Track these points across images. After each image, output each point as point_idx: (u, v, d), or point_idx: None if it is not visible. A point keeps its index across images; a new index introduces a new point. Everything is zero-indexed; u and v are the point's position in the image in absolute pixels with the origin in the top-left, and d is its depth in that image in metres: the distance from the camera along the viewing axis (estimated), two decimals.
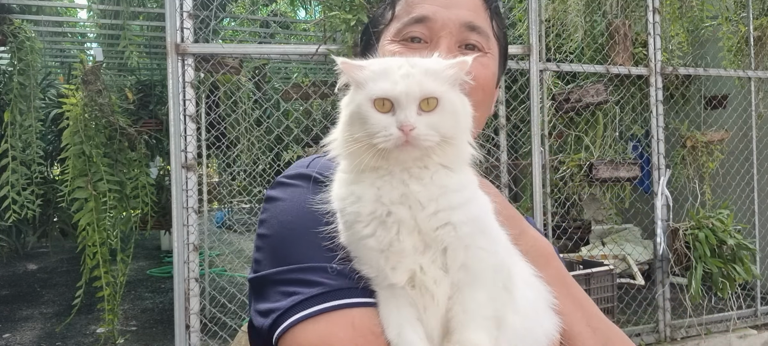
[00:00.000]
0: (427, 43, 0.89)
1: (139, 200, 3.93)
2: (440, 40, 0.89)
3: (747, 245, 3.58)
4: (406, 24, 0.90)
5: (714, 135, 4.22)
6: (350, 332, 0.70)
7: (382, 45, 0.91)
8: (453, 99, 0.71)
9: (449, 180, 0.71)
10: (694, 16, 4.33)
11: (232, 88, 4.50)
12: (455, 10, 0.89)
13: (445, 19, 0.89)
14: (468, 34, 0.90)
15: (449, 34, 0.89)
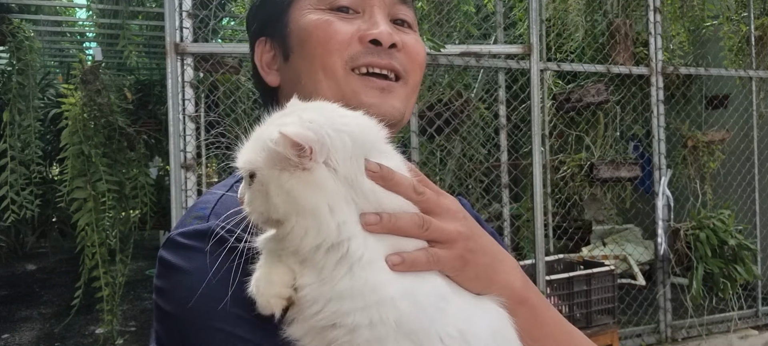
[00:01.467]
0: (357, 12, 0.78)
1: (139, 200, 3.92)
2: (374, 11, 0.78)
3: (748, 245, 3.57)
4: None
5: (715, 135, 4.21)
6: None
7: (299, 16, 0.78)
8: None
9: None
10: (695, 15, 4.32)
11: (232, 88, 4.49)
12: None
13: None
14: (399, 8, 0.81)
15: (382, 4, 0.78)
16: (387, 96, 0.77)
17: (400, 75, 0.79)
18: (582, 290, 3.36)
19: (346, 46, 0.76)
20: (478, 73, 4.39)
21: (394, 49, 0.77)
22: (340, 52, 0.75)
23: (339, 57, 0.76)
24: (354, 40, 0.76)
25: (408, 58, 0.79)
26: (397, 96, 0.78)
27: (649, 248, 5.40)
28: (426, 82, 4.22)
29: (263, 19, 0.84)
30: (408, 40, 0.79)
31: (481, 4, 4.62)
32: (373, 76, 0.77)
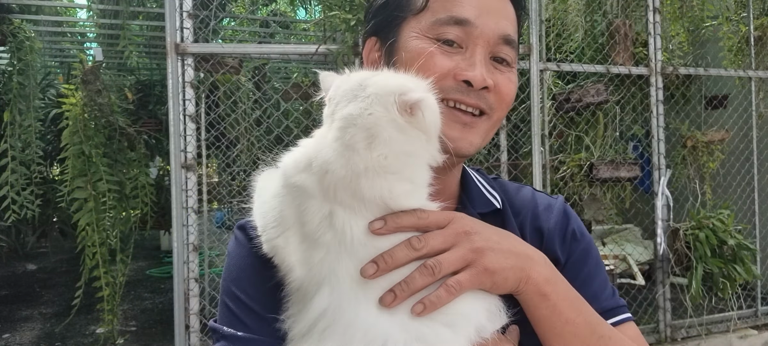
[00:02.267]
0: (460, 47, 0.81)
1: (139, 200, 3.92)
2: (475, 49, 0.81)
3: (747, 245, 3.58)
4: (444, 23, 0.80)
5: (714, 135, 4.22)
6: None
7: (407, 35, 0.82)
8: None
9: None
10: (695, 15, 4.33)
11: (232, 88, 4.49)
12: (497, 19, 0.82)
13: (485, 27, 0.81)
14: (502, 47, 0.83)
15: (486, 44, 0.81)
16: (467, 131, 0.81)
17: (485, 112, 0.82)
18: None
19: (441, 79, 0.79)
20: None
21: (485, 90, 0.81)
22: (434, 84, 0.77)
23: (434, 87, 0.77)
24: (449, 76, 0.80)
25: (497, 98, 0.83)
26: (478, 132, 0.83)
27: (649, 248, 5.40)
28: None
29: (379, 22, 0.88)
30: (500, 80, 0.83)
31: None
32: (459, 111, 0.81)
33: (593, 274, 0.85)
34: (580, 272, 0.84)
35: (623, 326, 0.83)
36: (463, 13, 0.80)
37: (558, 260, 0.84)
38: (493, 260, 0.69)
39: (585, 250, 0.86)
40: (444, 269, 0.67)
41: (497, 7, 0.83)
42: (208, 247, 5.87)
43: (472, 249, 0.69)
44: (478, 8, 0.81)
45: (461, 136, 0.81)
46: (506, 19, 0.84)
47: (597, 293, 0.83)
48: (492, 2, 0.83)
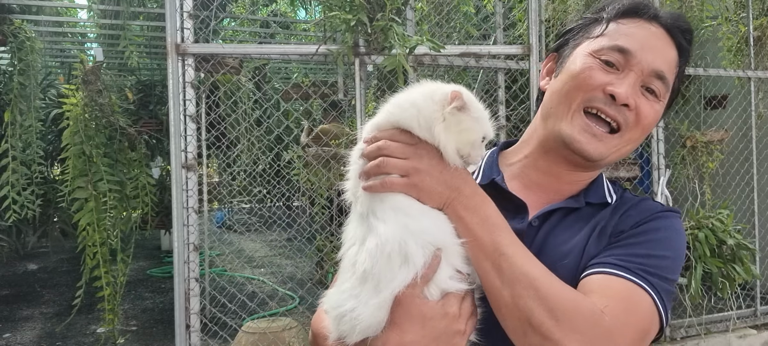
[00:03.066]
0: (617, 70, 0.97)
1: (140, 199, 3.93)
2: (629, 74, 0.96)
3: (747, 244, 3.58)
4: (609, 49, 0.97)
5: (714, 135, 4.22)
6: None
7: (579, 50, 1.01)
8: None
9: None
10: (694, 16, 4.33)
11: (233, 89, 4.50)
12: (653, 55, 0.96)
13: (641, 59, 0.96)
14: (653, 80, 0.97)
15: (639, 72, 0.96)
16: (594, 141, 0.97)
17: (621, 127, 0.97)
18: None
19: (592, 90, 0.96)
20: (478, 74, 4.41)
21: (626, 107, 0.95)
22: (585, 92, 0.96)
23: (582, 96, 0.97)
24: (600, 89, 0.96)
25: (635, 119, 0.96)
26: (606, 145, 0.97)
27: None
28: None
29: (562, 42, 1.08)
30: (643, 105, 0.96)
31: (481, 5, 4.64)
32: (597, 121, 0.97)
33: (626, 246, 0.94)
34: (622, 240, 0.96)
35: (607, 277, 0.89)
36: (627, 44, 0.96)
37: (623, 232, 0.97)
38: (424, 181, 0.88)
39: (637, 232, 0.96)
40: (388, 168, 0.88)
41: (658, 47, 0.98)
42: (209, 247, 5.88)
43: (414, 167, 0.88)
44: (640, 43, 0.96)
45: (588, 141, 0.96)
46: (663, 58, 0.98)
47: (613, 254, 0.93)
48: (655, 42, 0.98)
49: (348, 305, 0.83)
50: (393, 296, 0.83)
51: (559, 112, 0.99)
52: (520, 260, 0.85)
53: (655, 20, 0.99)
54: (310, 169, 3.90)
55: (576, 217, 1.01)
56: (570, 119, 0.98)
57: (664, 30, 0.99)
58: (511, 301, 0.83)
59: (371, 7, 2.96)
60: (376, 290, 0.83)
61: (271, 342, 3.27)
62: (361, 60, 3.11)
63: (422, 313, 0.82)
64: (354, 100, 3.21)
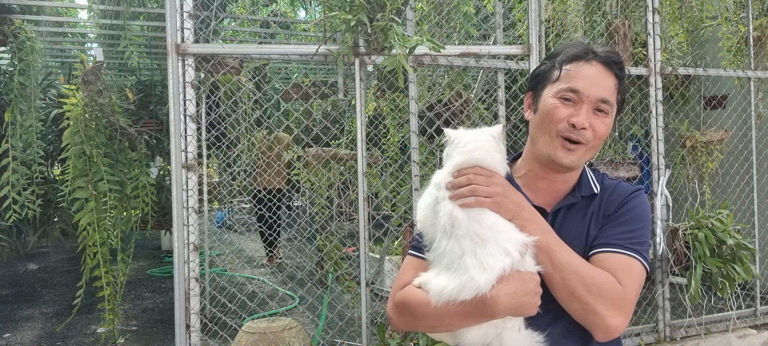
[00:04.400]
0: (574, 103, 1.37)
1: (140, 199, 3.94)
2: (583, 105, 1.36)
3: (746, 244, 3.58)
4: (565, 90, 1.38)
5: (713, 135, 4.22)
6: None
7: (546, 94, 1.41)
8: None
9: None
10: (694, 16, 4.33)
11: (233, 89, 4.51)
12: (597, 88, 1.37)
13: (589, 93, 1.37)
14: (600, 104, 1.37)
15: (589, 103, 1.37)
16: (569, 153, 1.38)
17: (584, 143, 1.37)
18: None
19: (560, 122, 1.37)
20: (478, 74, 4.41)
21: (584, 129, 1.36)
22: (556, 124, 1.38)
23: (554, 126, 1.38)
24: (565, 120, 1.37)
25: (591, 133, 1.37)
26: (576, 154, 1.39)
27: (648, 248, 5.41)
28: (426, 83, 4.23)
29: (535, 83, 1.47)
30: (596, 123, 1.37)
31: (481, 5, 4.64)
32: (567, 141, 1.38)
33: (620, 224, 1.38)
34: (615, 220, 1.39)
35: (614, 255, 1.33)
36: (577, 86, 1.37)
37: (611, 215, 1.40)
38: (503, 201, 1.28)
39: (624, 212, 1.40)
40: (479, 192, 1.26)
41: (599, 80, 1.38)
42: (209, 247, 5.88)
43: (495, 192, 1.28)
44: (586, 81, 1.37)
45: (565, 155, 1.38)
46: (604, 87, 1.38)
47: (613, 234, 1.36)
48: (597, 78, 1.38)
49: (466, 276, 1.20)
50: (501, 271, 1.21)
51: (542, 140, 1.41)
52: (564, 253, 1.29)
53: (593, 60, 1.39)
54: (311, 169, 3.90)
55: (576, 209, 1.44)
56: (550, 143, 1.39)
57: (602, 65, 1.39)
58: (560, 281, 1.28)
59: (371, 7, 2.97)
60: (485, 269, 1.20)
61: (271, 342, 3.27)
62: (361, 60, 3.11)
63: (521, 276, 1.23)
64: (354, 100, 3.21)
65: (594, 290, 1.26)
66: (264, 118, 4.58)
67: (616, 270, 1.30)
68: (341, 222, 4.04)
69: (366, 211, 3.12)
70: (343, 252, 4.08)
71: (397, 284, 1.43)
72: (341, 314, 3.85)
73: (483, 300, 1.19)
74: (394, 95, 4.21)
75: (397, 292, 1.41)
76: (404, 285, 1.39)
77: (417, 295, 1.32)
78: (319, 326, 4.33)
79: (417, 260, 1.43)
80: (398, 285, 1.42)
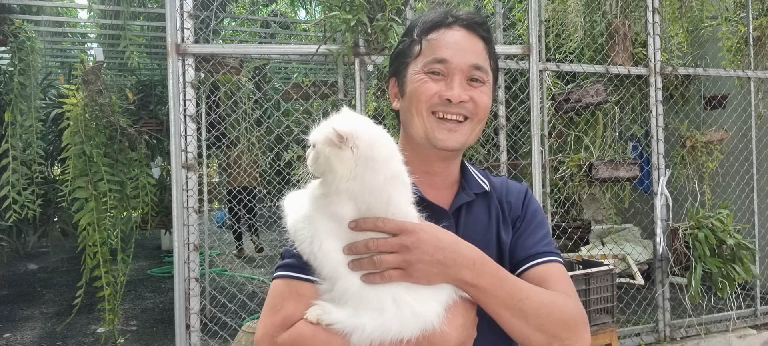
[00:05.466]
0: (444, 76, 1.17)
1: (140, 199, 3.93)
2: (454, 76, 1.17)
3: (746, 244, 3.58)
4: (430, 62, 1.18)
5: (713, 135, 4.23)
6: None
7: (411, 72, 1.21)
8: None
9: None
10: (694, 16, 4.33)
11: (233, 89, 4.51)
12: (466, 54, 1.18)
13: (458, 62, 1.17)
14: (473, 72, 1.18)
15: (461, 72, 1.17)
16: (453, 133, 1.17)
17: (467, 116, 1.18)
18: (581, 290, 3.37)
19: (431, 98, 1.16)
20: None
21: (463, 102, 1.16)
22: (426, 102, 1.17)
23: (425, 105, 1.17)
24: (436, 96, 1.16)
25: (473, 105, 1.18)
26: (462, 132, 1.18)
27: (648, 248, 5.41)
28: None
29: (395, 66, 1.27)
30: (474, 94, 1.18)
31: (481, 5, 4.64)
32: (445, 120, 1.17)
33: (536, 230, 1.23)
34: (528, 227, 1.24)
35: (548, 265, 1.18)
36: (441, 55, 1.17)
37: (519, 217, 1.25)
38: (419, 270, 1.00)
39: (532, 215, 1.26)
40: (384, 265, 0.99)
41: (467, 46, 1.19)
42: (209, 247, 5.88)
43: (405, 260, 0.99)
44: (452, 49, 1.17)
45: (447, 136, 1.17)
46: (474, 53, 1.19)
47: (536, 242, 1.21)
48: (463, 43, 1.19)
49: (404, 309, 0.97)
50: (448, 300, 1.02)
51: (415, 123, 1.19)
52: (533, 296, 1.07)
53: (455, 24, 1.20)
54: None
55: (475, 208, 1.23)
56: (425, 124, 1.17)
57: (465, 30, 1.20)
58: (537, 329, 1.06)
59: (371, 7, 2.97)
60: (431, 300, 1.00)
61: None
62: (361, 60, 3.11)
63: (464, 304, 1.03)
64: (354, 100, 3.21)
65: (571, 321, 1.09)
66: (264, 118, 4.58)
67: (556, 281, 1.15)
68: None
69: None
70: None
71: (272, 320, 1.05)
72: None
73: (430, 339, 0.96)
74: None
75: (278, 333, 1.03)
76: (286, 321, 1.04)
77: (317, 336, 0.98)
78: None
79: (298, 283, 1.06)
80: (276, 321, 1.05)
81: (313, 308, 1.01)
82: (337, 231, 0.99)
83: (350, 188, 0.97)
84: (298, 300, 1.04)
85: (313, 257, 1.01)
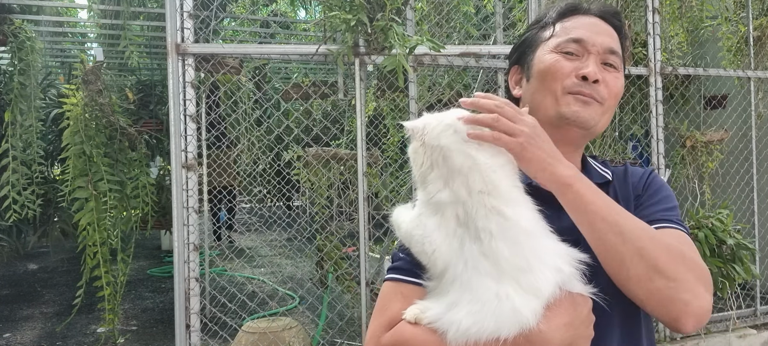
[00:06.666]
0: (578, 56, 1.15)
1: (140, 199, 3.93)
2: (590, 57, 1.14)
3: (746, 244, 3.58)
4: (566, 41, 1.15)
5: (713, 135, 4.23)
6: None
7: (541, 53, 1.18)
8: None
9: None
10: (694, 16, 4.33)
11: (233, 88, 4.51)
12: (602, 36, 1.16)
13: (594, 43, 1.15)
14: (608, 56, 1.16)
15: (597, 54, 1.14)
16: (587, 107, 1.13)
17: (598, 100, 1.14)
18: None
19: (566, 77, 1.13)
20: (478, 74, 4.41)
21: (597, 83, 1.13)
22: (561, 80, 1.13)
23: (560, 84, 1.13)
24: (572, 75, 1.13)
25: (606, 90, 1.14)
26: (595, 110, 1.14)
27: None
28: (426, 83, 4.24)
29: (519, 53, 1.24)
30: (609, 78, 1.15)
31: (481, 5, 4.64)
32: (579, 95, 1.13)
33: (657, 202, 1.16)
34: (650, 199, 1.17)
35: (667, 230, 1.09)
36: (579, 35, 1.15)
37: (640, 195, 1.18)
38: (530, 149, 0.98)
39: (655, 190, 1.19)
40: (501, 126, 0.98)
41: (603, 29, 1.18)
42: (209, 246, 5.88)
43: (522, 131, 0.98)
44: (588, 30, 1.16)
45: (582, 109, 1.12)
46: (610, 37, 1.18)
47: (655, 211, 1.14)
48: (599, 26, 1.18)
49: (504, 303, 0.90)
50: (550, 295, 0.92)
51: (547, 102, 1.14)
52: (631, 220, 0.99)
53: (588, 12, 1.20)
54: (311, 169, 3.90)
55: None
56: (559, 102, 1.13)
57: (598, 18, 1.19)
58: (636, 253, 0.94)
59: (371, 7, 2.97)
60: (529, 293, 0.91)
61: (271, 342, 3.27)
62: (361, 60, 3.11)
63: (573, 299, 0.94)
64: (354, 100, 3.21)
65: (681, 261, 0.96)
66: (264, 118, 4.58)
67: (681, 242, 1.05)
68: (341, 222, 4.04)
69: (366, 211, 3.12)
70: (343, 252, 4.08)
71: (379, 321, 1.07)
72: (341, 314, 3.84)
73: (529, 338, 0.88)
74: (394, 95, 4.21)
75: (382, 333, 1.05)
76: (391, 322, 1.04)
77: (417, 336, 0.97)
78: (319, 325, 4.33)
79: (404, 285, 1.08)
80: (383, 322, 1.06)
81: (411, 307, 1.01)
82: (443, 223, 0.98)
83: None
84: (403, 302, 1.04)
85: (425, 256, 1.00)
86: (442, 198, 0.97)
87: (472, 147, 0.98)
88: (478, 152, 0.97)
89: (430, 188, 0.99)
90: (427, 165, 0.99)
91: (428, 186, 1.00)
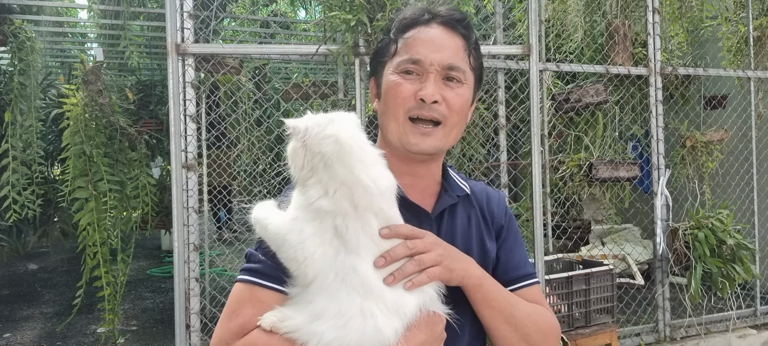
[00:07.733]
0: (418, 75, 1.15)
1: (140, 199, 3.93)
2: (429, 76, 1.14)
3: (746, 244, 3.58)
4: (404, 62, 1.15)
5: (713, 135, 4.23)
6: None
7: (387, 73, 1.19)
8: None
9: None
10: (694, 16, 4.34)
11: (233, 89, 4.51)
12: (440, 53, 1.14)
13: (432, 61, 1.14)
14: (448, 72, 1.15)
15: (435, 72, 1.14)
16: (426, 138, 1.15)
17: (439, 121, 1.15)
18: (581, 290, 3.38)
19: (407, 100, 1.14)
20: None
21: (436, 103, 1.13)
22: (402, 105, 1.14)
23: (401, 107, 1.14)
24: (411, 97, 1.14)
25: (447, 108, 1.15)
26: (435, 137, 1.15)
27: (648, 248, 5.41)
28: None
29: (374, 65, 1.25)
30: (448, 95, 1.15)
31: (481, 4, 4.64)
32: (420, 123, 1.14)
33: (519, 245, 1.27)
34: (515, 242, 1.27)
35: (531, 288, 1.23)
36: (416, 55, 1.14)
37: (503, 228, 1.26)
38: (452, 263, 1.05)
39: (515, 228, 1.29)
40: (426, 262, 1.01)
41: (445, 43, 1.16)
42: (209, 247, 5.88)
43: (440, 254, 1.03)
44: (427, 47, 1.14)
45: (420, 141, 1.14)
46: (451, 50, 1.16)
47: (523, 261, 1.25)
48: (441, 40, 1.16)
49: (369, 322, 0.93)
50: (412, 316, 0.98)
51: (391, 127, 1.16)
52: (521, 306, 1.14)
53: (432, 21, 1.17)
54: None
55: (457, 211, 1.22)
56: (401, 129, 1.15)
57: (443, 27, 1.17)
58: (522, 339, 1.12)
59: (371, 7, 2.97)
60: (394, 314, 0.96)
61: None
62: (361, 60, 3.11)
63: (429, 319, 1.00)
64: (354, 100, 3.21)
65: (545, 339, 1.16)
66: (264, 118, 4.58)
67: (541, 300, 1.23)
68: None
69: None
70: None
71: (229, 326, 1.02)
72: None
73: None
74: None
75: (233, 340, 1.01)
76: (244, 328, 1.01)
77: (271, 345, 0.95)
78: None
79: (262, 290, 1.03)
80: (233, 327, 1.02)
81: (269, 314, 0.97)
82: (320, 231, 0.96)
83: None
84: (258, 307, 1.00)
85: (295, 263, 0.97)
86: (322, 206, 0.95)
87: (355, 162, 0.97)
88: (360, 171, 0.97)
89: (311, 193, 0.97)
90: (308, 169, 0.97)
91: (309, 190, 0.97)
